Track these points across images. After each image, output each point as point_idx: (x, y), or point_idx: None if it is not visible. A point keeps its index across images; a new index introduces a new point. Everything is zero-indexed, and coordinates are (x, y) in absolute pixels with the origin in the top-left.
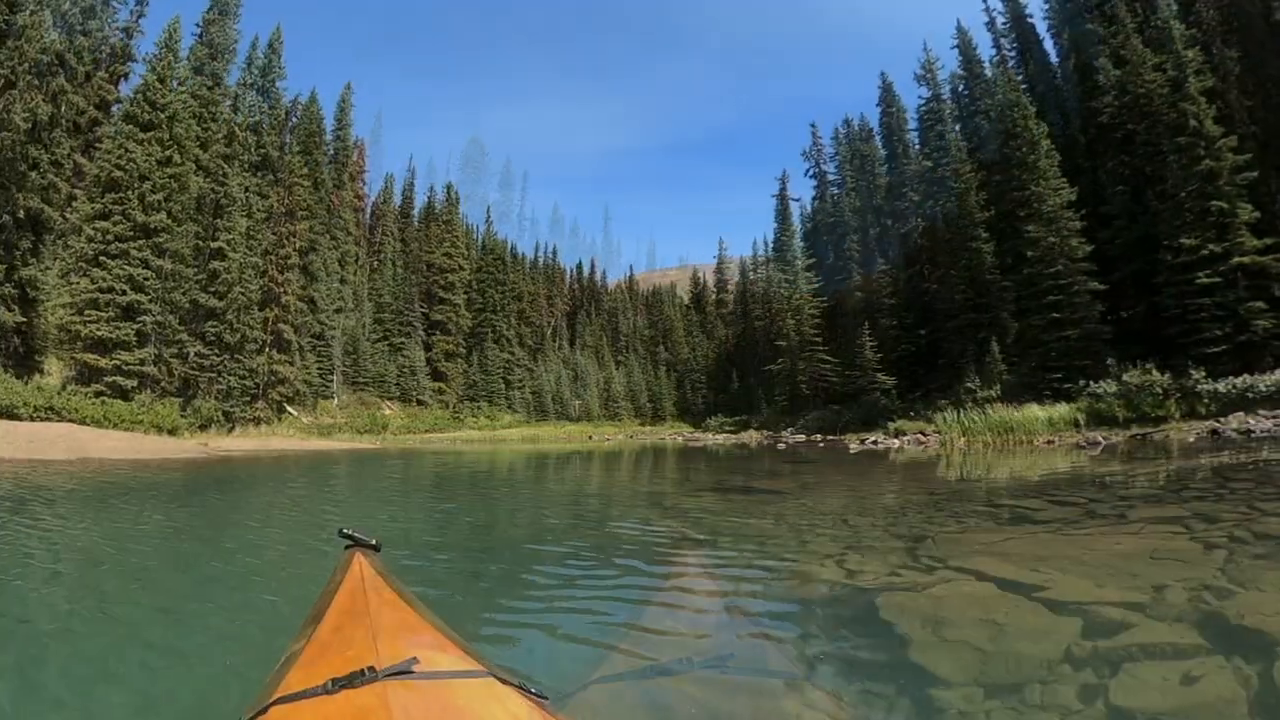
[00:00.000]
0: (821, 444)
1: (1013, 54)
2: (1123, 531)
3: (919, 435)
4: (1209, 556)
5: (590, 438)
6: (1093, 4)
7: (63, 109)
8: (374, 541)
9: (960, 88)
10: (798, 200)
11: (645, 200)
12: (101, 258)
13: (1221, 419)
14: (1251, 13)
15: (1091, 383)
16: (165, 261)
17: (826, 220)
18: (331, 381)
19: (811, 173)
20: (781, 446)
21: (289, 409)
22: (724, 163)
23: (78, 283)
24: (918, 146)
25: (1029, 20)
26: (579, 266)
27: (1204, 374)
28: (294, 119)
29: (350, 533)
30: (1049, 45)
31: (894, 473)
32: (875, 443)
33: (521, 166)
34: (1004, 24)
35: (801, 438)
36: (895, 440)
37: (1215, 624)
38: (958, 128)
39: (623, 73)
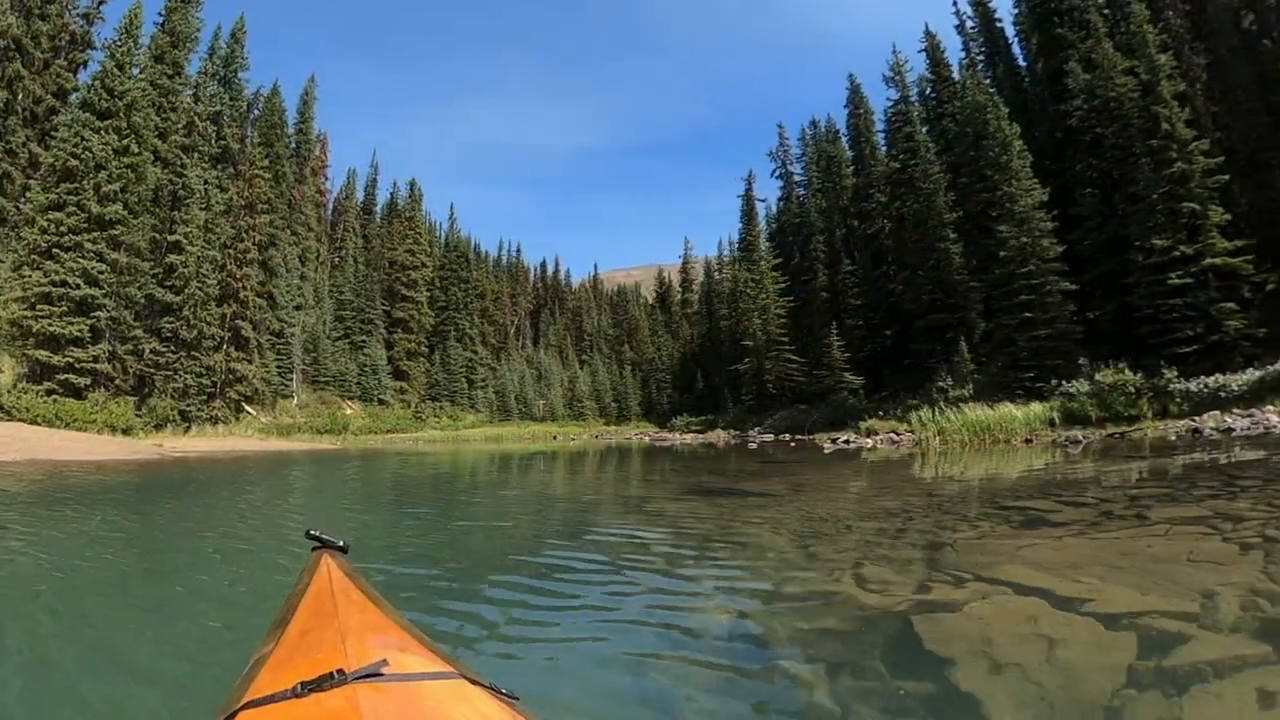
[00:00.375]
0: (792, 444)
1: (981, 57)
2: (1149, 533)
3: (892, 435)
4: (1247, 558)
5: (555, 438)
6: (1063, 9)
7: (19, 96)
8: (341, 543)
9: (928, 90)
10: (764, 201)
11: (612, 199)
12: (55, 250)
13: (1197, 418)
14: (1222, 20)
15: (1064, 382)
16: (121, 255)
17: (793, 221)
18: (291, 380)
19: (778, 173)
20: (752, 446)
21: (247, 408)
22: (691, 164)
23: (30, 276)
24: (884, 148)
25: (998, 24)
26: (543, 264)
27: (1176, 374)
28: (256, 111)
29: (318, 534)
30: (1018, 49)
31: (879, 473)
32: (847, 442)
33: (492, 163)
34: (973, 27)
35: (770, 437)
36: (868, 440)
37: (1277, 632)
38: (925, 129)
39: (595, 73)
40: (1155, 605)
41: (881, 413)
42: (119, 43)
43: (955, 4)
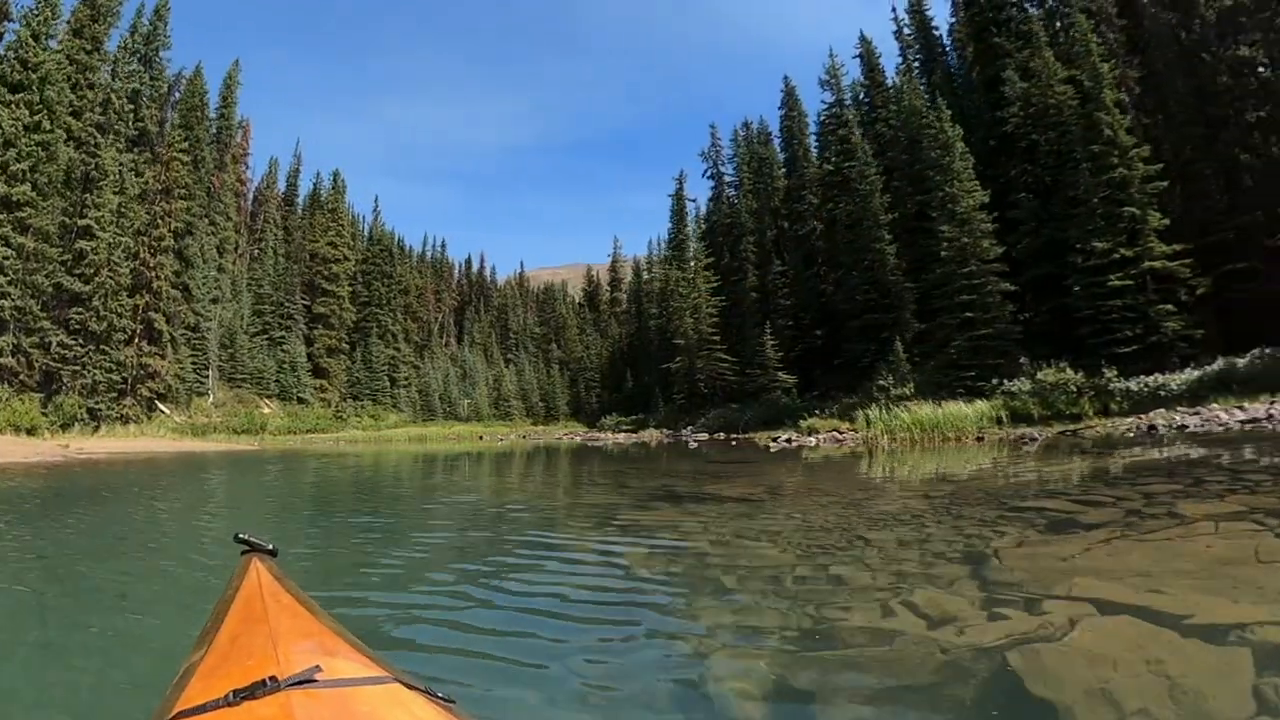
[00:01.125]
0: (734, 442)
1: (918, 63)
2: (1198, 532)
3: (835, 433)
4: None
5: (481, 438)
6: (1000, 19)
7: None
8: (270, 546)
9: (861, 95)
10: (694, 201)
11: (540, 197)
12: None
13: (1143, 415)
14: (1160, 34)
15: (1005, 381)
16: (28, 239)
17: (723, 221)
18: (206, 377)
19: (709, 173)
20: (692, 446)
21: (160, 407)
22: (621, 164)
23: None
24: (816, 150)
25: (935, 32)
26: (467, 261)
27: (1116, 373)
28: (177, 94)
29: (246, 537)
30: (954, 58)
31: (845, 472)
32: (789, 441)
33: (419, 158)
34: (910, 34)
35: (704, 436)
36: (810, 438)
37: None
38: (860, 132)
39: (527, 70)
40: (1253, 615)
41: (819, 411)
42: (36, 12)
43: (894, 10)
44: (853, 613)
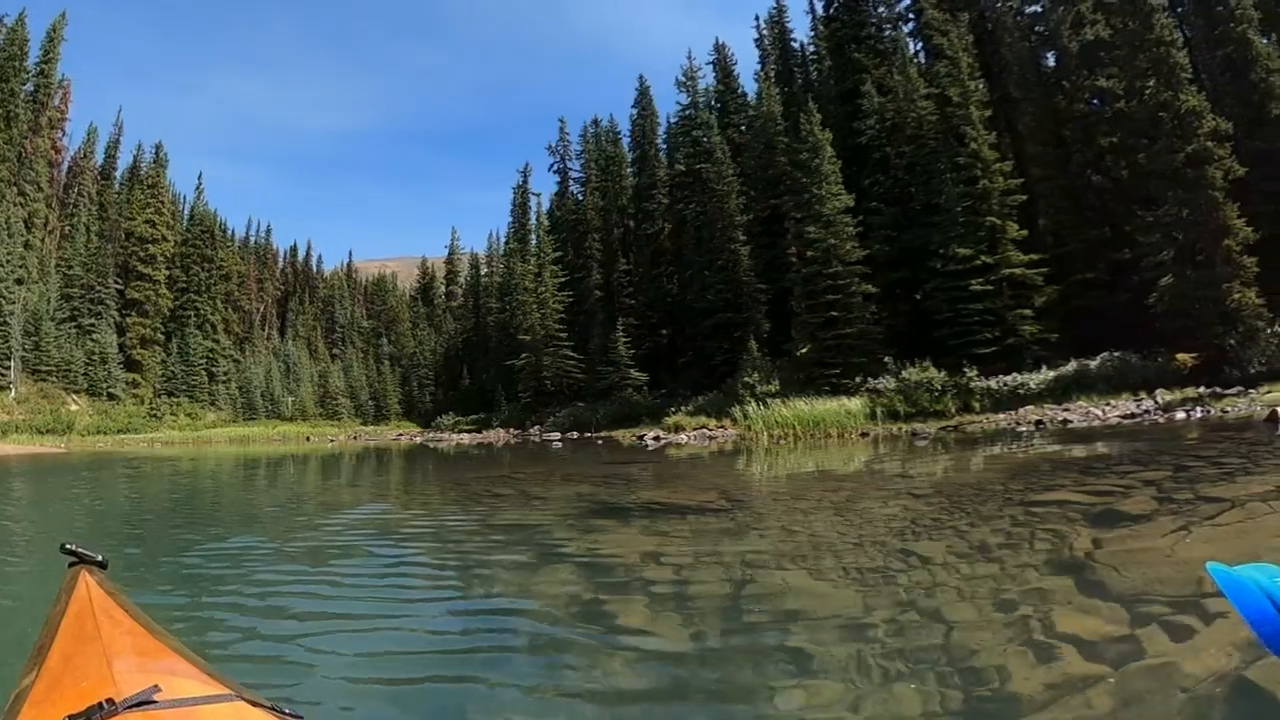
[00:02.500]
0: (599, 441)
1: (775, 72)
2: (1262, 512)
3: (704, 430)
4: None
5: (308, 439)
6: (860, 35)
7: None
8: (100, 557)
9: (713, 100)
10: (537, 195)
11: (373, 186)
12: None
13: (1014, 411)
14: (1022, 61)
15: (870, 379)
16: None
17: (568, 217)
18: (9, 369)
19: (556, 168)
20: (556, 446)
21: None
22: (460, 157)
23: None
24: (664, 150)
25: (794, 43)
26: (293, 248)
27: (976, 372)
28: None
29: (73, 548)
30: (814, 70)
31: (778, 470)
32: (657, 438)
33: (249, 137)
34: (770, 43)
35: (556, 435)
36: (679, 436)
37: None
38: (715, 135)
39: (369, 53)
40: None
41: (675, 409)
42: None
43: (757, 19)
44: (1002, 661)
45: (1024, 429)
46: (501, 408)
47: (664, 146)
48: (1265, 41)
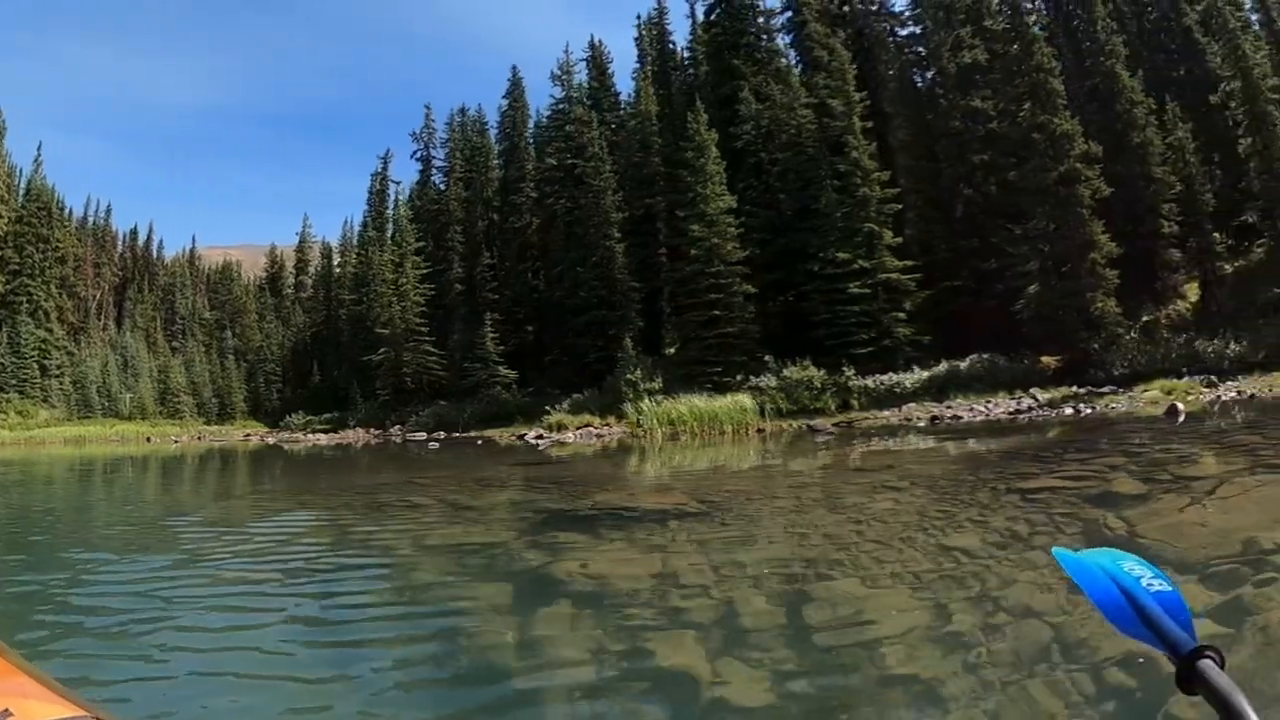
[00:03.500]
0: (480, 442)
1: (653, 72)
2: (1250, 487)
3: (589, 428)
4: None
5: (149, 439)
6: (740, 43)
7: None
8: None
9: (586, 98)
10: (398, 184)
11: (222, 167)
12: None
13: (897, 409)
14: (890, 77)
15: (751, 377)
16: None
17: (430, 207)
18: None
19: (419, 155)
20: (432, 446)
21: None
22: (316, 142)
23: None
24: (533, 146)
25: (672, 46)
26: (133, 231)
27: (854, 372)
28: None
29: None
30: (692, 73)
31: (710, 465)
32: (541, 437)
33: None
34: (650, 42)
35: (421, 435)
36: (567, 435)
37: None
38: (593, 131)
39: (224, 26)
40: None
41: (549, 407)
42: None
43: (639, 18)
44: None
45: (921, 424)
46: (357, 406)
47: (534, 140)
48: (1130, 75)
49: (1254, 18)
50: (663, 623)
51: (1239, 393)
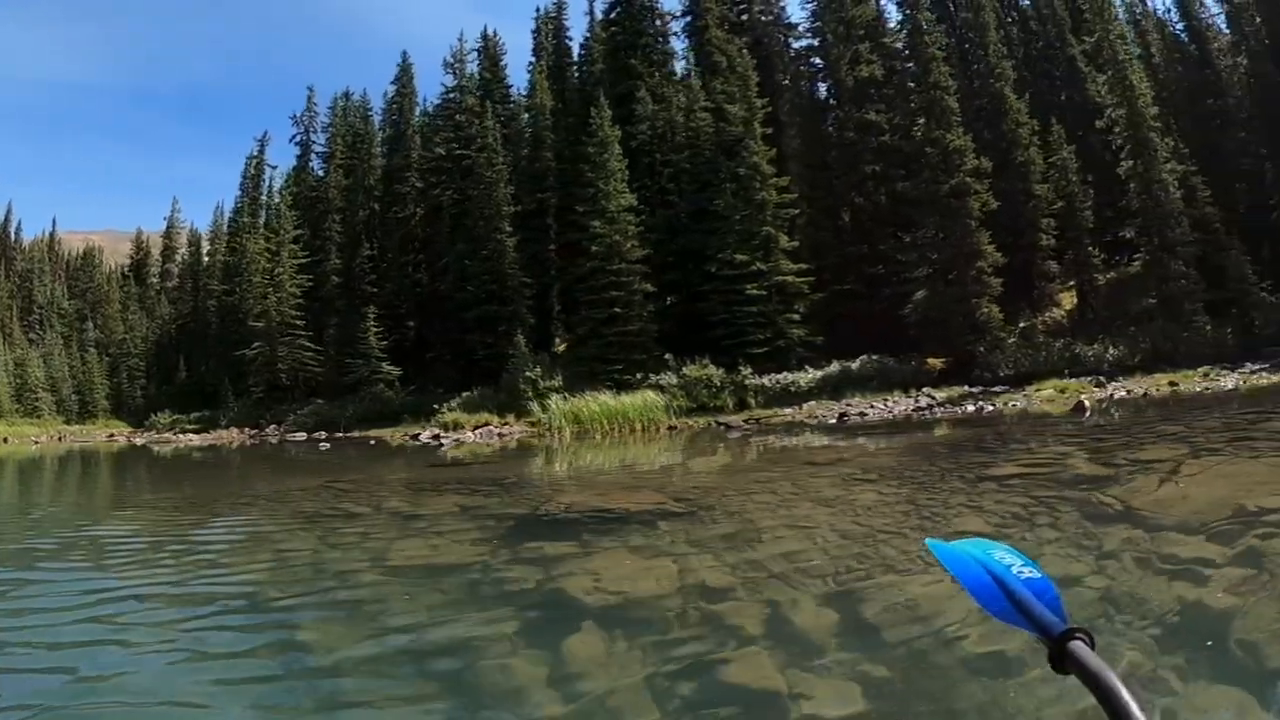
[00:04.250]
0: (372, 442)
1: (550, 66)
2: (1210, 465)
3: (490, 427)
4: None
5: (5, 440)
6: (638, 43)
7: None
8: None
9: (477, 90)
10: (274, 168)
11: (87, 145)
12: None
13: (798, 406)
14: (786, 86)
15: (651, 375)
16: None
17: (308, 194)
18: None
19: (299, 140)
20: (324, 446)
21: None
22: (189, 121)
23: None
24: (418, 133)
25: (568, 40)
26: None
27: (750, 371)
28: None
29: None
30: (586, 70)
31: (653, 463)
32: (437, 437)
33: None
34: (546, 36)
35: (301, 435)
36: (468, 435)
37: None
38: (487, 121)
39: None
40: None
41: (447, 405)
42: None
43: (539, 11)
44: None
45: (831, 420)
46: (228, 405)
47: (421, 129)
48: (1017, 98)
49: (1137, 51)
50: (711, 636)
51: (1128, 391)
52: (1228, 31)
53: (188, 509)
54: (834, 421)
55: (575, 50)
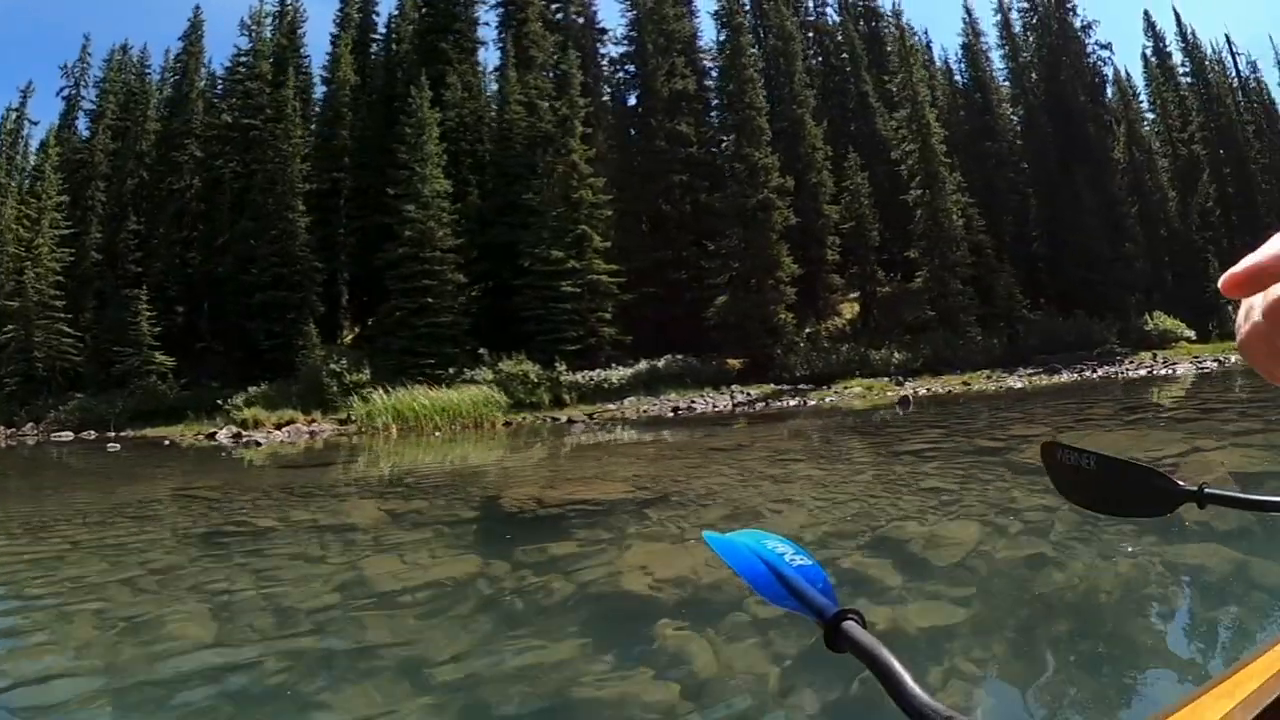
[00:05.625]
0: (167, 443)
1: (354, 40)
2: (1115, 429)
3: (296, 425)
4: None
5: None
6: (453, 26)
7: None
8: None
9: (270, 58)
10: (35, 124)
11: None
12: None
13: (620, 401)
14: (598, 91)
15: (466, 370)
16: None
17: (72, 157)
18: None
19: (65, 94)
20: (114, 448)
21: None
22: None
23: None
24: (202, 98)
25: (375, 17)
26: None
27: (565, 367)
28: None
29: None
30: (393, 47)
31: (529, 460)
32: (238, 437)
33: None
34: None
35: (67, 435)
36: (275, 434)
37: None
38: (287, 90)
39: None
40: None
41: (233, 400)
42: None
43: None
44: None
45: (670, 415)
46: None
47: (206, 94)
48: (815, 125)
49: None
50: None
51: (928, 389)
52: (1008, 84)
53: (22, 534)
54: (671, 415)
55: (381, 26)
